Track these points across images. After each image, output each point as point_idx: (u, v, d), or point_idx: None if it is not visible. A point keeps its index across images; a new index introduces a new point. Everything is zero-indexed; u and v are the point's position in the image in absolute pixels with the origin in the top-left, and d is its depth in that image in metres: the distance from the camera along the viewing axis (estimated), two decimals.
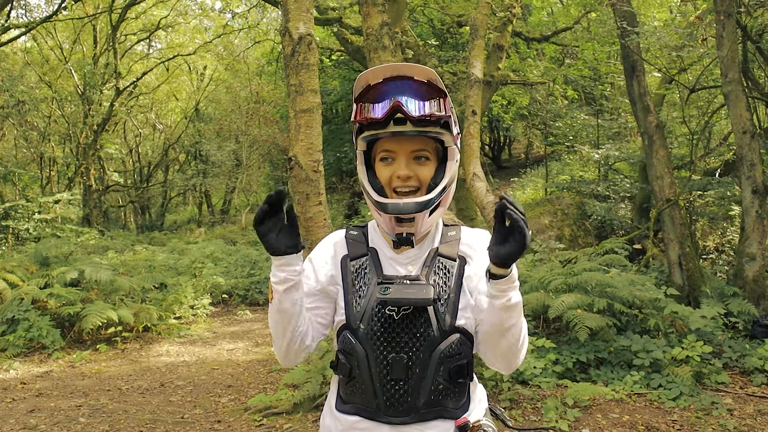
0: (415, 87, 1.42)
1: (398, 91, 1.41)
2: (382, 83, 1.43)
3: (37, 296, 7.06)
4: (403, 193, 1.46)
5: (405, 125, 1.41)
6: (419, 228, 1.45)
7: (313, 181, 4.19)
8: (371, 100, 1.43)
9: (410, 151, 1.46)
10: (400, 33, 8.13)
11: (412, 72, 1.42)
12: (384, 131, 1.43)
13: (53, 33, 19.82)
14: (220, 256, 11.78)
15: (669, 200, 7.26)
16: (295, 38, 4.20)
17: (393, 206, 1.42)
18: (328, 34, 15.50)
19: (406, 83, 1.42)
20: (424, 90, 1.42)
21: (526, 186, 15.77)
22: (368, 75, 1.43)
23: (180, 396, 5.32)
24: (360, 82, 1.44)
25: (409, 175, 1.45)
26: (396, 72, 1.43)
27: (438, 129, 1.43)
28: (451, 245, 1.54)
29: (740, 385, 5.13)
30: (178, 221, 25.85)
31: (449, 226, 1.60)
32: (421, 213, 1.43)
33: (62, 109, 19.60)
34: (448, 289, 1.47)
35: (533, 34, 12.96)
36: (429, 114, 1.39)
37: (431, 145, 1.47)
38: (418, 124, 1.41)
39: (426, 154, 1.47)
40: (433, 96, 1.42)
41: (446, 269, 1.50)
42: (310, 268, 1.59)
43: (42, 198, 16.14)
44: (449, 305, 1.46)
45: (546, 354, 5.20)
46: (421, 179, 1.46)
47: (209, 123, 23.96)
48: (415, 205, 1.42)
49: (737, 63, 6.90)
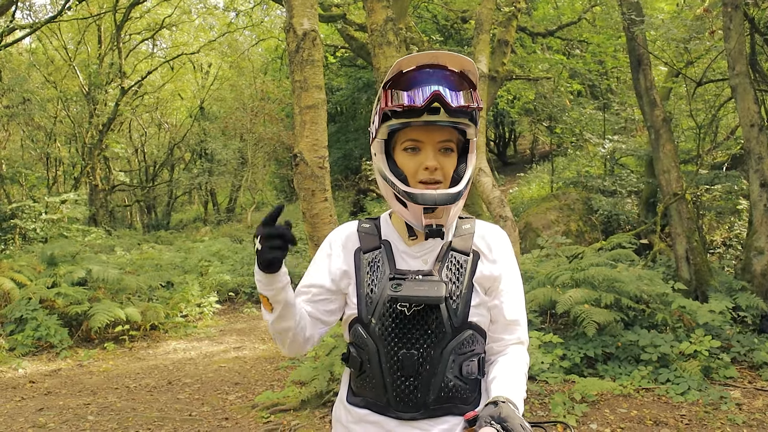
0: (448, 76, 1.39)
1: (431, 80, 1.38)
2: (415, 71, 1.40)
3: (44, 296, 7.10)
4: (428, 184, 1.42)
5: (438, 115, 1.37)
6: (448, 220, 1.44)
7: (319, 177, 4.18)
8: (402, 87, 1.39)
9: (438, 141, 1.42)
10: (404, 29, 8.11)
11: (447, 61, 1.39)
12: (417, 120, 1.38)
13: (58, 33, 19.84)
14: (227, 254, 11.80)
15: (676, 194, 7.22)
16: (299, 34, 4.19)
17: (425, 197, 1.38)
18: (332, 31, 15.48)
19: (440, 72, 1.39)
20: (457, 80, 1.40)
21: (532, 182, 15.71)
22: (402, 61, 1.39)
23: (188, 393, 5.33)
24: (394, 68, 1.40)
25: (436, 167, 1.42)
26: (432, 60, 1.39)
27: (467, 121, 1.41)
28: (464, 239, 1.52)
29: (749, 380, 5.10)
30: (184, 220, 25.91)
31: (463, 219, 1.58)
32: (452, 205, 1.41)
33: (68, 109, 19.64)
34: (461, 285, 1.45)
35: (538, 28, 12.90)
36: (466, 105, 1.36)
37: (455, 136, 1.45)
38: (453, 114, 1.38)
39: (452, 146, 1.44)
40: (464, 87, 1.40)
41: (459, 264, 1.47)
42: (324, 263, 1.57)
43: (48, 198, 16.22)
44: (462, 302, 1.44)
45: (553, 349, 5.18)
46: (445, 172, 1.43)
47: (214, 121, 23.98)
48: (448, 196, 1.39)
49: (744, 55, 6.84)
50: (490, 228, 1.57)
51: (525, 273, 6.89)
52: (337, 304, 1.57)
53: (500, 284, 1.51)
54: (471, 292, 1.46)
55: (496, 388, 1.39)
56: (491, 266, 1.50)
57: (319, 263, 1.58)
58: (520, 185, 15.93)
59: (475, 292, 1.47)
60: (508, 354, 1.52)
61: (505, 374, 1.44)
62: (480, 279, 1.48)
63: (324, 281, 1.55)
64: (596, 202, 10.85)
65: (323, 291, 1.55)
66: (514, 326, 1.53)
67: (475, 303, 1.46)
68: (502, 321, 1.52)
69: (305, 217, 4.23)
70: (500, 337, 1.52)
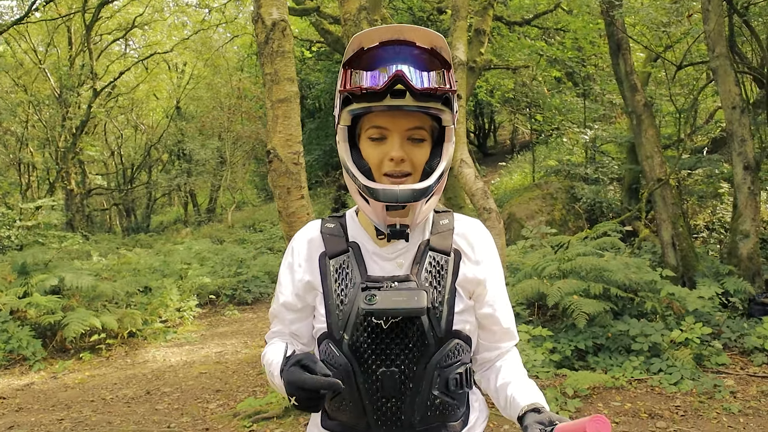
0: (416, 55, 1.21)
1: (397, 58, 1.20)
2: (378, 48, 1.21)
3: (15, 306, 6.82)
4: (394, 177, 1.24)
5: (404, 98, 1.19)
6: (415, 219, 1.25)
7: (294, 174, 4.00)
8: (363, 67, 1.20)
9: (406, 129, 1.23)
10: (379, 20, 7.92)
11: (415, 37, 1.20)
12: (379, 104, 1.20)
13: (26, 36, 19.36)
14: (207, 256, 11.56)
15: (660, 180, 7.14)
16: (268, 24, 3.99)
17: (386, 193, 1.20)
18: (307, 25, 15.24)
19: (407, 50, 1.21)
20: (427, 59, 1.21)
21: (513, 172, 15.64)
22: (362, 37, 1.20)
23: (166, 404, 5.13)
24: (352, 46, 1.21)
25: (403, 158, 1.23)
26: (396, 35, 1.20)
27: (439, 105, 1.21)
28: (443, 237, 1.34)
29: (740, 366, 5.03)
30: (165, 222, 25.54)
31: (440, 213, 1.39)
32: (418, 202, 1.22)
33: (39, 113, 19.17)
34: (443, 290, 1.28)
35: (514, 17, 12.77)
36: (434, 87, 1.17)
37: (428, 123, 1.26)
38: (419, 98, 1.19)
39: (422, 134, 1.25)
40: (436, 66, 1.21)
41: (440, 266, 1.30)
42: (287, 277, 1.40)
43: (23, 204, 15.81)
44: (445, 308, 1.27)
45: (542, 343, 5.06)
46: (414, 163, 1.25)
47: (191, 121, 23.61)
48: (413, 193, 1.20)
49: (724, 37, 6.77)
50: (470, 224, 1.40)
51: (511, 264, 6.77)
52: (310, 329, 1.41)
53: (487, 289, 1.35)
54: (454, 298, 1.29)
55: (521, 395, 1.27)
56: (475, 268, 1.34)
57: (283, 277, 1.42)
58: (502, 176, 15.85)
59: (458, 297, 1.30)
60: (509, 358, 1.40)
61: (520, 380, 1.33)
62: (463, 282, 1.32)
63: (289, 298, 1.38)
64: (579, 190, 10.78)
65: (293, 312, 1.39)
66: (511, 333, 1.40)
67: (459, 309, 1.29)
68: (499, 330, 1.37)
69: (281, 216, 4.05)
70: (497, 345, 1.39)
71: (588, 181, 11.27)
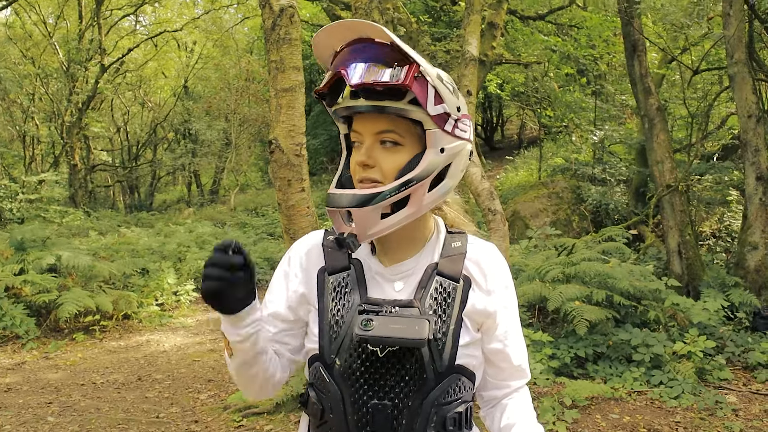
0: (375, 51, 1.10)
1: (355, 56, 1.11)
2: (345, 48, 1.14)
3: (10, 283, 6.75)
4: (363, 184, 1.15)
5: (359, 99, 1.10)
6: (365, 230, 1.12)
7: (295, 165, 3.88)
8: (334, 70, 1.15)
9: (374, 132, 1.13)
10: (391, 9, 7.77)
11: (372, 33, 1.11)
12: (339, 107, 1.14)
13: (37, 7, 19.19)
14: (207, 239, 11.47)
15: (669, 186, 7.00)
16: (275, 10, 3.86)
17: (331, 197, 1.13)
18: (318, 10, 15.05)
19: (367, 47, 1.12)
20: (387, 54, 1.09)
21: (520, 168, 15.48)
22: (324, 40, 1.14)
23: (157, 391, 5.05)
24: (321, 51, 1.17)
25: (367, 163, 1.13)
26: (353, 33, 1.13)
27: (401, 104, 1.09)
28: (454, 261, 1.22)
29: (743, 382, 4.92)
30: (168, 201, 25.48)
31: (453, 235, 1.27)
32: (362, 210, 1.09)
33: (47, 86, 19.05)
34: (449, 320, 1.17)
35: (528, 12, 12.58)
36: (371, 81, 1.06)
37: (402, 126, 1.13)
38: (372, 96, 1.09)
39: (394, 138, 1.13)
40: (394, 61, 1.08)
41: (447, 293, 1.19)
42: (281, 284, 1.30)
43: (26, 177, 15.74)
44: (448, 340, 1.16)
45: (542, 348, 4.96)
46: (383, 170, 1.13)
47: (198, 101, 23.45)
48: (352, 198, 1.10)
49: (744, 43, 6.60)
50: (484, 249, 1.28)
51: (513, 266, 6.65)
52: (300, 339, 1.31)
53: (498, 322, 1.24)
54: (460, 329, 1.18)
55: None
56: (485, 299, 1.23)
57: (277, 283, 1.31)
58: (508, 171, 15.69)
59: (464, 329, 1.19)
60: (518, 398, 1.29)
61: (526, 423, 1.23)
62: (471, 313, 1.21)
63: (281, 308, 1.28)
64: (585, 190, 10.64)
65: (283, 323, 1.29)
66: (522, 371, 1.29)
67: (464, 342, 1.18)
68: (509, 367, 1.27)
69: (281, 209, 3.94)
70: (507, 384, 1.29)
71: (595, 182, 11.12)
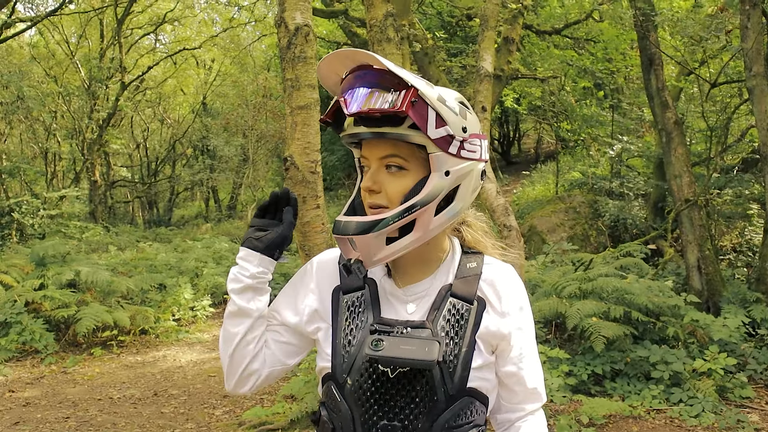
0: (372, 77, 1.13)
1: (355, 83, 1.15)
2: (348, 75, 1.18)
3: (31, 298, 6.84)
4: (372, 210, 1.18)
5: (361, 126, 1.15)
6: (370, 256, 1.14)
7: (311, 183, 3.90)
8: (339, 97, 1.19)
9: (379, 157, 1.16)
10: (407, 26, 7.83)
11: (369, 59, 1.15)
12: (345, 133, 1.19)
13: (60, 27, 19.62)
14: (225, 255, 11.54)
15: (688, 200, 6.92)
16: (291, 29, 3.90)
17: (337, 225, 1.17)
18: (335, 27, 15.20)
19: (367, 73, 1.15)
20: (387, 80, 1.12)
21: (537, 182, 15.41)
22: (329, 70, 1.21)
23: (173, 407, 5.07)
24: (327, 80, 1.22)
25: (372, 188, 1.16)
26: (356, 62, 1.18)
27: (401, 130, 1.11)
28: (468, 282, 1.22)
29: (766, 400, 4.82)
30: (186, 216, 25.70)
31: (469, 255, 1.27)
32: (365, 237, 1.12)
33: (68, 104, 19.41)
34: (461, 342, 1.17)
35: (544, 26, 12.59)
36: (366, 109, 1.10)
37: (406, 151, 1.15)
38: (370, 123, 1.12)
39: (398, 162, 1.15)
40: (394, 86, 1.11)
41: (460, 315, 1.19)
42: (296, 291, 1.31)
43: (47, 193, 15.99)
44: (460, 363, 1.16)
45: (559, 365, 4.90)
46: (388, 194, 1.16)
47: (216, 118, 23.73)
48: (355, 226, 1.13)
49: (762, 56, 6.54)
50: (500, 270, 1.28)
51: (529, 281, 6.61)
52: (295, 348, 1.32)
53: (512, 345, 1.23)
54: (472, 351, 1.18)
55: None
56: (499, 321, 1.22)
57: (289, 290, 1.34)
58: (524, 185, 15.63)
59: (477, 351, 1.19)
60: (533, 421, 1.27)
61: None
62: (485, 335, 1.20)
63: (288, 317, 1.30)
64: (603, 205, 10.55)
65: (285, 327, 1.31)
66: (537, 394, 1.27)
67: (476, 365, 1.18)
68: (523, 390, 1.25)
69: (296, 226, 3.95)
70: (521, 407, 1.27)
71: (612, 196, 11.03)
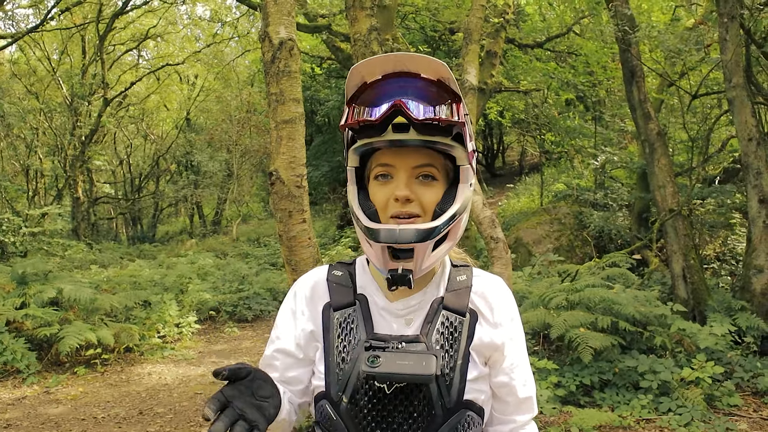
0: (421, 87, 1.10)
1: (401, 91, 1.09)
2: (381, 81, 1.11)
3: (12, 317, 6.71)
4: (400, 219, 1.13)
5: (407, 132, 1.09)
6: (420, 264, 1.12)
7: (296, 197, 3.88)
8: (367, 103, 1.11)
9: (413, 166, 1.13)
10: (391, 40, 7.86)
11: (418, 67, 1.09)
12: (380, 139, 1.11)
13: (41, 44, 19.49)
14: (210, 270, 11.44)
15: (672, 210, 6.99)
16: (275, 43, 3.90)
17: (387, 233, 1.09)
18: (318, 42, 15.25)
19: (411, 82, 1.10)
20: (433, 91, 1.10)
21: (521, 194, 15.51)
22: (362, 70, 1.10)
23: (159, 426, 4.98)
24: (353, 80, 1.11)
25: (409, 198, 1.12)
26: (398, 66, 1.09)
27: (448, 140, 1.11)
28: (459, 295, 1.22)
29: (754, 408, 4.83)
30: (170, 232, 25.50)
31: (458, 268, 1.27)
32: (423, 244, 1.09)
33: (50, 120, 19.24)
34: (456, 354, 1.16)
35: (526, 40, 12.72)
36: (437, 117, 1.06)
37: (439, 161, 1.14)
38: (423, 131, 1.09)
39: (432, 172, 1.14)
40: (443, 99, 1.09)
41: (453, 327, 1.18)
42: (288, 322, 1.28)
43: (29, 211, 15.79)
44: (456, 375, 1.15)
45: (547, 376, 4.89)
46: (424, 204, 1.13)
47: (200, 133, 23.67)
48: (415, 233, 1.08)
49: (741, 67, 6.65)
50: (490, 282, 1.27)
51: (517, 293, 6.61)
52: (307, 377, 1.28)
53: (505, 355, 1.22)
54: (467, 364, 1.17)
55: None
56: (492, 332, 1.21)
57: (284, 320, 1.30)
58: (509, 197, 15.72)
59: (472, 363, 1.18)
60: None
61: None
62: (478, 347, 1.19)
63: (290, 346, 1.26)
64: (587, 216, 10.63)
65: (290, 358, 1.26)
66: (528, 405, 1.27)
67: (472, 377, 1.17)
68: (514, 401, 1.25)
69: (282, 240, 3.93)
70: (512, 418, 1.26)
71: (597, 207, 11.12)
